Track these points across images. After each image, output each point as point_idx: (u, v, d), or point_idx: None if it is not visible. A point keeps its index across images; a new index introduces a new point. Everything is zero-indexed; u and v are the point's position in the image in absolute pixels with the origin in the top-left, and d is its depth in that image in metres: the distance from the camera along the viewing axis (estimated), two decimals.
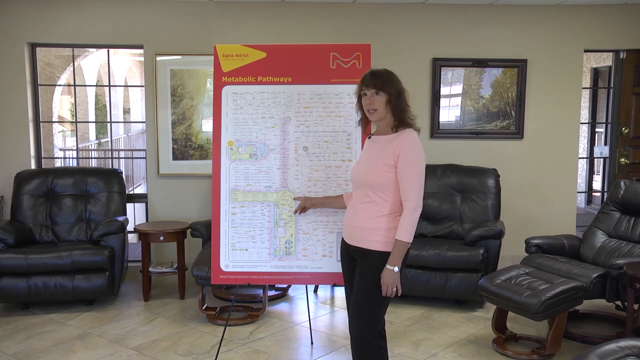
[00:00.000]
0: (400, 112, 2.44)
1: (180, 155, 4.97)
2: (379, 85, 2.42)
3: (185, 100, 4.94)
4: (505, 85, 5.08)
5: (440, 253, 4.15)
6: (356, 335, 2.44)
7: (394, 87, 2.44)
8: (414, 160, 2.36)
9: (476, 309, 4.26)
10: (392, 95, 2.42)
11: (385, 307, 2.47)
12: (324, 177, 3.18)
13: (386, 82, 2.43)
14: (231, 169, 3.23)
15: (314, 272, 3.19)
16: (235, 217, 3.23)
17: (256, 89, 3.25)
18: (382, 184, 2.40)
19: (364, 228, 2.44)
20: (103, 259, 4.13)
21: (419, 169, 2.37)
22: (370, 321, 2.43)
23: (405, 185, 2.36)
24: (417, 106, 5.08)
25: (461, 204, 4.68)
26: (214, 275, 3.25)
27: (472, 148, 5.12)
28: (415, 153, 2.37)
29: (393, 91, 2.43)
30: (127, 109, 13.91)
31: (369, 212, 2.43)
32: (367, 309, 2.42)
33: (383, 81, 2.43)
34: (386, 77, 2.45)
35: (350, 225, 2.53)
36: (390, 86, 2.43)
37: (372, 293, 2.40)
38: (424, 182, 2.39)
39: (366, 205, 2.45)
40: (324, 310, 4.33)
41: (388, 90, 2.42)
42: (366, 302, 2.41)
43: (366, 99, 2.47)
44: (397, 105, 2.43)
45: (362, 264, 2.46)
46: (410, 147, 2.37)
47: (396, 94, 2.43)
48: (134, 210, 6.45)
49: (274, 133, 3.23)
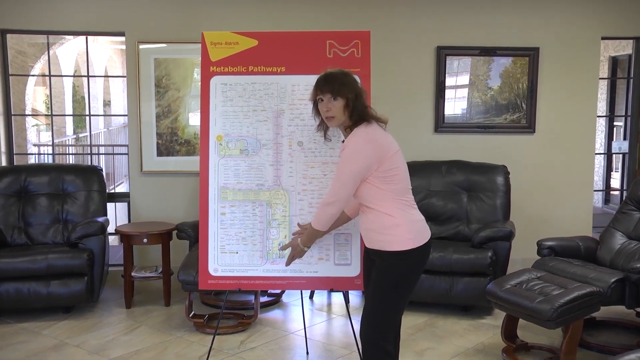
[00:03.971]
0: (358, 114, 2.47)
1: (165, 151, 4.98)
2: (336, 91, 2.46)
3: (171, 91, 4.95)
4: (516, 75, 5.10)
5: (445, 256, 4.17)
6: (365, 338, 2.50)
7: (351, 91, 2.47)
8: (352, 152, 2.41)
9: (484, 316, 4.28)
10: (350, 99, 2.46)
11: (399, 311, 2.53)
12: (320, 175, 3.20)
13: (343, 87, 2.47)
14: (220, 165, 3.24)
15: (310, 277, 3.20)
16: (225, 217, 3.24)
17: (247, 80, 3.26)
18: (361, 196, 2.49)
19: (373, 230, 2.51)
20: (81, 262, 4.14)
21: (350, 165, 2.41)
22: (380, 322, 2.47)
23: (334, 176, 2.49)
24: (420, 98, 5.16)
25: (468, 203, 4.70)
26: (201, 280, 3.27)
27: (479, 143, 5.14)
28: (358, 144, 2.41)
29: (351, 95, 2.46)
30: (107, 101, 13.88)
31: (372, 216, 2.51)
32: (377, 309, 2.47)
33: (340, 85, 2.47)
34: (342, 80, 2.48)
35: (363, 229, 2.61)
36: (347, 90, 2.47)
37: (383, 293, 2.46)
38: (354, 182, 2.43)
39: (364, 212, 2.56)
40: (320, 317, 4.34)
41: (345, 94, 2.46)
42: (377, 302, 2.47)
43: (323, 105, 2.52)
44: (355, 109, 2.47)
45: (377, 265, 2.53)
46: (352, 141, 2.43)
47: (354, 98, 2.46)
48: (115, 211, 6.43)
49: (266, 127, 3.24)
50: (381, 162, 2.42)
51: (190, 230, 4.44)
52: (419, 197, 4.68)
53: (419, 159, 4.88)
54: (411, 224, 2.49)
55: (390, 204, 2.45)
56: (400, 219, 2.45)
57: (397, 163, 2.47)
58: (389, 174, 2.44)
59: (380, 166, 2.42)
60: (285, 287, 3.30)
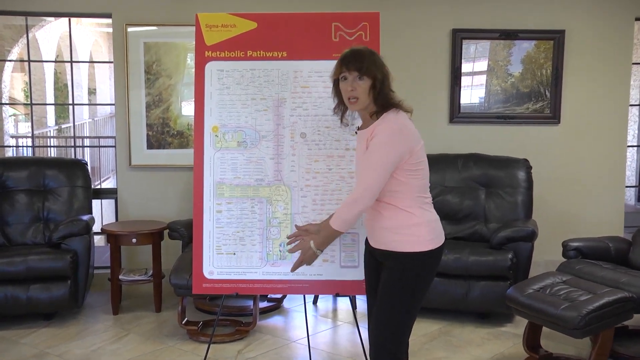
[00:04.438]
0: (384, 98, 2.45)
1: (156, 144, 5.00)
2: (364, 69, 2.42)
3: (162, 78, 4.96)
4: (539, 61, 5.10)
5: (461, 258, 4.18)
6: (379, 349, 2.49)
7: (379, 71, 2.43)
8: (383, 143, 2.38)
9: (504, 323, 4.29)
10: (378, 80, 2.43)
11: (414, 316, 2.52)
12: (325, 169, 3.21)
13: (371, 65, 2.43)
14: (216, 159, 3.26)
15: (313, 280, 3.22)
16: (221, 215, 3.26)
17: (245, 66, 3.27)
18: (384, 192, 2.45)
19: (389, 229, 2.49)
20: (64, 265, 4.16)
21: (384, 155, 2.38)
22: (396, 330, 2.47)
23: (362, 168, 2.42)
24: (433, 86, 5.16)
25: (486, 201, 4.71)
26: (195, 284, 3.29)
27: (498, 135, 5.14)
28: (389, 133, 2.39)
29: (379, 75, 2.43)
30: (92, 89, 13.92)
31: (386, 212, 2.49)
32: (390, 317, 2.47)
33: (368, 63, 2.43)
34: (371, 58, 2.45)
35: (371, 227, 2.59)
36: (376, 69, 2.43)
37: (398, 299, 2.45)
38: (386, 174, 2.39)
39: (380, 207, 2.51)
40: (324, 324, 4.36)
41: (373, 74, 2.42)
42: (389, 309, 2.46)
43: (346, 85, 2.46)
44: (381, 92, 2.44)
45: (386, 267, 2.52)
46: (385, 127, 2.40)
47: (381, 79, 2.43)
48: (102, 208, 6.48)
49: (266, 117, 3.25)
50: (412, 153, 2.42)
51: (183, 229, 4.46)
52: (433, 193, 4.61)
53: (433, 152, 4.88)
54: (432, 223, 2.50)
55: (412, 201, 2.45)
56: (421, 218, 2.46)
57: (423, 156, 2.48)
58: (415, 168, 2.44)
59: (410, 157, 2.42)
60: (286, 292, 3.32)
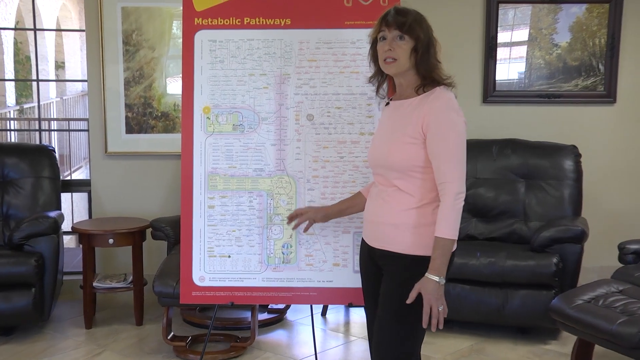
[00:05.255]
0: (427, 67, 2.45)
1: (136, 127, 5.01)
2: (406, 27, 2.44)
3: (144, 50, 4.96)
4: (591, 28, 5.07)
5: (496, 262, 4.18)
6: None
7: (424, 32, 2.45)
8: (452, 128, 2.38)
9: (548, 340, 4.29)
10: (421, 42, 2.43)
11: (421, 333, 2.51)
12: (336, 157, 3.21)
13: (415, 24, 2.44)
14: (208, 145, 3.26)
15: (322, 288, 3.23)
16: (214, 211, 3.27)
17: (242, 35, 3.27)
18: (407, 166, 2.44)
19: (389, 224, 2.48)
20: (28, 270, 4.18)
21: (459, 140, 2.39)
22: (399, 352, 2.46)
23: (440, 163, 2.38)
24: (464, 59, 5.14)
25: (526, 195, 4.70)
26: (183, 292, 3.30)
27: (541, 117, 5.13)
28: (453, 118, 2.40)
29: (423, 37, 2.44)
30: (60, 62, 13.95)
31: (393, 203, 2.48)
32: (395, 334, 2.46)
33: (411, 21, 2.44)
34: (416, 17, 2.47)
35: (371, 221, 2.58)
36: (420, 30, 2.44)
37: (401, 312, 2.43)
38: (465, 159, 2.41)
39: (389, 195, 2.50)
40: (335, 340, 4.38)
41: (416, 34, 2.43)
42: (393, 324, 2.45)
43: (384, 45, 2.48)
44: (424, 58, 2.45)
45: (388, 272, 2.50)
46: (445, 111, 2.40)
47: (426, 43, 2.44)
48: (72, 203, 6.53)
49: (266, 96, 3.26)
50: None
51: (168, 228, 4.48)
52: None
53: None
54: None
55: (432, 195, 2.43)
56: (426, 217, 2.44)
57: None
58: None
59: None
60: (290, 301, 3.33)
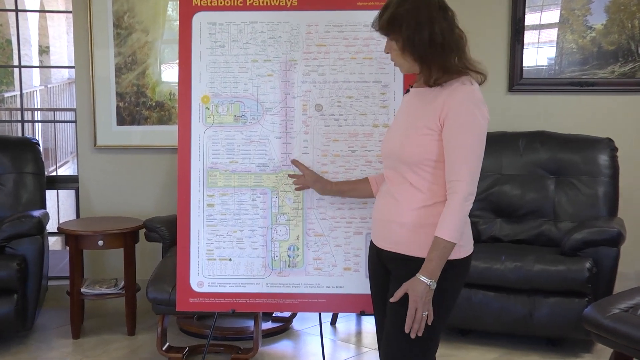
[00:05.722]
0: (433, 58, 2.42)
1: (128, 118, 5.03)
2: (384, 26, 2.45)
3: (136, 34, 4.98)
4: (630, 8, 5.05)
5: (523, 267, 4.18)
6: None
7: (405, 24, 2.39)
8: (470, 123, 2.40)
9: (580, 353, 4.28)
10: (406, 39, 2.40)
11: (433, 345, 2.53)
12: (347, 151, 3.22)
13: (392, 20, 2.42)
14: (207, 138, 3.27)
15: (332, 294, 3.23)
16: (214, 210, 3.28)
17: (244, 17, 3.27)
18: (419, 159, 2.44)
19: (397, 223, 2.49)
20: (9, 274, 4.19)
21: (477, 136, 2.40)
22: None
23: (453, 159, 2.39)
24: (488, 43, 5.13)
25: (556, 193, 4.70)
26: (180, 299, 3.31)
27: (573, 107, 5.12)
28: (471, 112, 2.40)
29: (404, 32, 2.40)
30: (44, 47, 13.97)
31: (403, 201, 2.49)
32: (404, 345, 2.46)
33: (387, 19, 2.43)
34: (393, 12, 2.42)
35: (380, 220, 2.59)
36: (397, 26, 2.41)
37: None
38: (482, 158, 2.42)
39: (398, 191, 2.51)
40: (346, 351, 4.39)
41: (397, 32, 2.42)
42: (403, 335, 2.44)
43: None
44: (421, 51, 2.41)
45: (396, 277, 2.51)
46: (465, 103, 2.40)
47: (411, 36, 2.39)
48: (58, 201, 6.54)
49: (271, 84, 3.26)
50: None
51: (164, 228, 4.48)
52: (486, 183, 4.71)
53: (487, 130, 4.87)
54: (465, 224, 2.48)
55: (444, 191, 2.43)
56: None
57: None
58: None
59: None
60: (297, 309, 3.34)
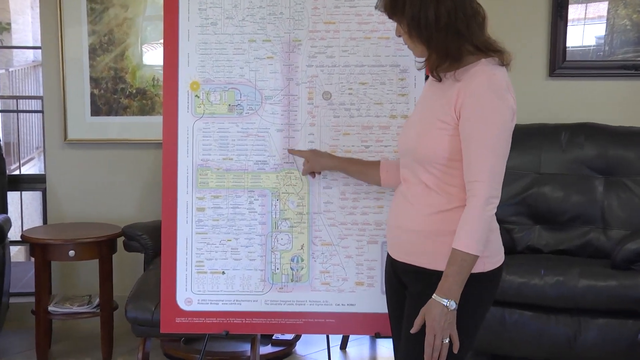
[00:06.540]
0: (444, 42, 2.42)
1: (104, 108, 5.05)
2: (387, 5, 2.49)
3: (114, 9, 4.99)
4: None
5: (565, 282, 4.19)
6: None
7: (409, 3, 2.42)
8: (491, 114, 2.38)
9: None
10: (410, 19, 2.43)
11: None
12: (360, 147, 3.23)
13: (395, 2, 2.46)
14: (197, 131, 3.29)
15: (342, 313, 3.24)
16: (205, 215, 3.29)
17: None
18: (433, 157, 2.46)
19: (412, 231, 2.51)
20: None
21: (498, 129, 2.38)
22: None
23: (471, 157, 2.38)
24: (525, 21, 5.14)
25: (605, 195, 4.71)
26: (165, 319, 3.32)
27: (626, 94, 5.13)
28: (491, 100, 2.39)
29: (408, 11, 2.42)
30: (5, 24, 14.01)
31: (418, 205, 2.51)
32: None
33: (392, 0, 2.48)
34: None
35: (392, 226, 2.63)
36: (402, 2, 2.43)
37: None
38: (506, 155, 2.41)
39: (414, 194, 2.53)
40: None
41: (401, 11, 2.45)
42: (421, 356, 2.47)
43: None
44: (428, 33, 2.43)
45: (411, 293, 2.54)
46: (485, 91, 2.40)
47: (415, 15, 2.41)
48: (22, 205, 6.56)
49: (271, 69, 3.27)
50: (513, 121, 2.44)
51: (146, 237, 4.52)
52: (522, 184, 4.72)
53: (522, 121, 4.86)
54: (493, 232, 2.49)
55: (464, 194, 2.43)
56: None
57: None
58: None
59: None
60: (301, 330, 3.34)
